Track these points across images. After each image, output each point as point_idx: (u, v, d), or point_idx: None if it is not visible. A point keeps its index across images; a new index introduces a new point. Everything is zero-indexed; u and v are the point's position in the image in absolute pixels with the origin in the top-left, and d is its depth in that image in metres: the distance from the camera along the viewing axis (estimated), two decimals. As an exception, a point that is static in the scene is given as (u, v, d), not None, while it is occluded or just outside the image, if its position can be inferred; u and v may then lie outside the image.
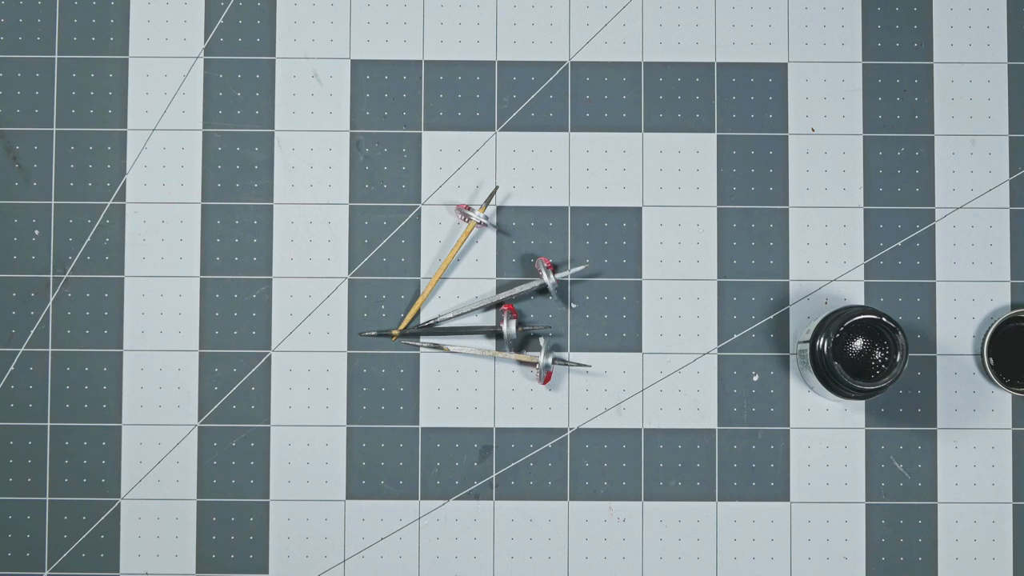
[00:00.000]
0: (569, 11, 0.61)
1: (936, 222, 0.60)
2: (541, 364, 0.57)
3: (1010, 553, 0.59)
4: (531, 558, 0.59)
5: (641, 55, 0.61)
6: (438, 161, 0.60)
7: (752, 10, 0.61)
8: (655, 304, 0.60)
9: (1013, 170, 0.60)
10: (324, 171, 0.60)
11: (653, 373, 0.60)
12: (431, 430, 0.59)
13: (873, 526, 0.59)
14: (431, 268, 0.60)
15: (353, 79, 0.61)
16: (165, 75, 0.60)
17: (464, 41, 0.61)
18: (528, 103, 0.60)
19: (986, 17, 0.61)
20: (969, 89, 0.61)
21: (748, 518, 0.59)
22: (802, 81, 0.61)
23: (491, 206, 0.60)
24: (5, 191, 0.60)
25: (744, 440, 0.59)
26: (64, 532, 0.59)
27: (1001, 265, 0.60)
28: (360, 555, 0.59)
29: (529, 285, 0.59)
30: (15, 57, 0.60)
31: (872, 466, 0.59)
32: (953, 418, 0.60)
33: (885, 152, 0.60)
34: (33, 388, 0.59)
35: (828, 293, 0.60)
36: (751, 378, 0.60)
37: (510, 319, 0.58)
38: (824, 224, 0.60)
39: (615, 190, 0.60)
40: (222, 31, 0.61)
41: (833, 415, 0.60)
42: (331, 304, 0.60)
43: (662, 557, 0.59)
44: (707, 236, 0.60)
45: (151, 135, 0.60)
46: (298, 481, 0.59)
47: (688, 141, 0.60)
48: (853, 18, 0.61)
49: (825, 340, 0.54)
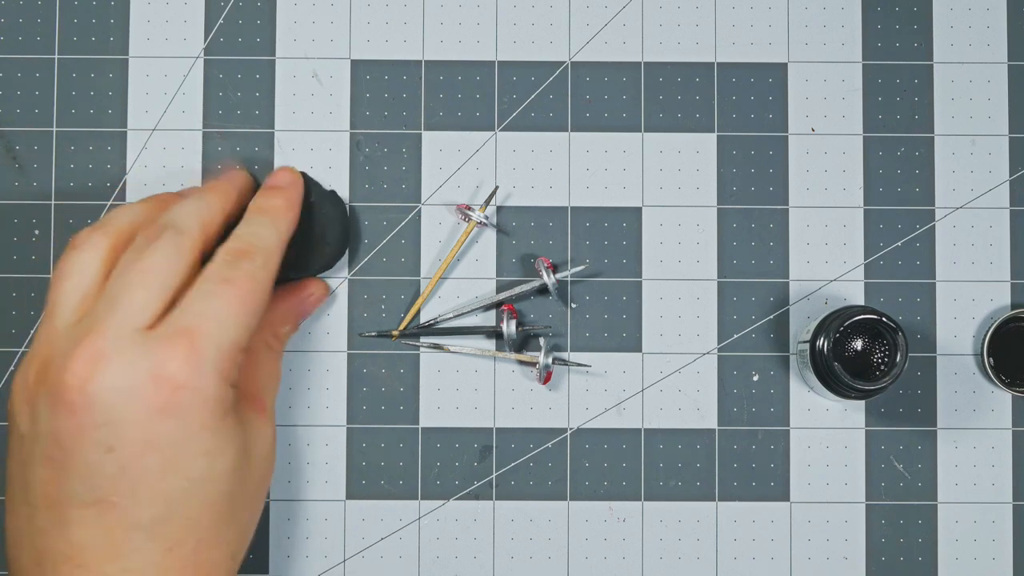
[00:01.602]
0: (569, 11, 0.61)
1: (936, 222, 0.60)
2: (541, 364, 0.57)
3: (1010, 553, 0.59)
4: (531, 558, 0.59)
5: (641, 55, 0.61)
6: (438, 161, 0.60)
7: (752, 10, 0.61)
8: (655, 304, 0.60)
9: (1013, 170, 0.60)
10: (324, 171, 0.60)
11: (653, 373, 0.60)
12: (431, 430, 0.59)
13: (873, 526, 0.59)
14: (431, 268, 0.60)
15: (353, 79, 0.61)
16: (165, 75, 0.60)
17: (464, 41, 0.61)
18: (528, 103, 0.60)
19: (986, 17, 0.61)
20: (969, 89, 0.61)
21: (748, 518, 0.59)
22: (802, 81, 0.61)
23: (491, 206, 0.60)
24: (5, 191, 0.60)
25: (744, 440, 0.60)
26: (64, 532, 0.59)
27: (1001, 265, 0.60)
28: (360, 555, 0.59)
29: (529, 285, 0.59)
30: (15, 57, 0.60)
31: (872, 466, 0.59)
32: (953, 418, 0.60)
33: (885, 152, 0.60)
34: (33, 388, 0.59)
35: (828, 293, 0.60)
36: (751, 378, 0.60)
37: (510, 319, 0.58)
38: (824, 224, 0.60)
39: (615, 190, 0.60)
40: (222, 31, 0.61)
41: (833, 415, 0.60)
42: (331, 304, 0.60)
43: (662, 557, 0.59)
44: (707, 236, 0.60)
45: (151, 135, 0.60)
46: (298, 481, 0.59)
47: (688, 141, 0.60)
48: (853, 18, 0.61)
49: (825, 340, 0.54)
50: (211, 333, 0.44)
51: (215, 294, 0.46)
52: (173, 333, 0.44)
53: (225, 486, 0.45)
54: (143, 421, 0.42)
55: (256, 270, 0.47)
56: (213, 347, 0.44)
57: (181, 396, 0.43)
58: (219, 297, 0.45)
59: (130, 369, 0.43)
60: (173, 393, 0.43)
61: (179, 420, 0.43)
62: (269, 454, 0.50)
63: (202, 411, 0.43)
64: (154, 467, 0.43)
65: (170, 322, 0.44)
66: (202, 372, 0.43)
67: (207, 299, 0.45)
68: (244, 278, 0.46)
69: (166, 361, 0.43)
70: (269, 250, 0.49)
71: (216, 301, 0.45)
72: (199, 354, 0.43)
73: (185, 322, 0.44)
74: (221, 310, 0.45)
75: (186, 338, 0.43)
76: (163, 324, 0.44)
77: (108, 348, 0.43)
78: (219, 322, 0.45)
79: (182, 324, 0.44)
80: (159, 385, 0.43)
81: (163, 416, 0.43)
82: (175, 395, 0.43)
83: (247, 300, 0.46)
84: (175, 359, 0.43)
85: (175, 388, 0.43)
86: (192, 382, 0.43)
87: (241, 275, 0.46)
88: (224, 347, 0.44)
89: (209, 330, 0.44)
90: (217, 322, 0.45)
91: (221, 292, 0.46)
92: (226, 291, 0.46)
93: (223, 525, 0.46)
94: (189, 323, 0.44)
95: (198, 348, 0.43)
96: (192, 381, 0.43)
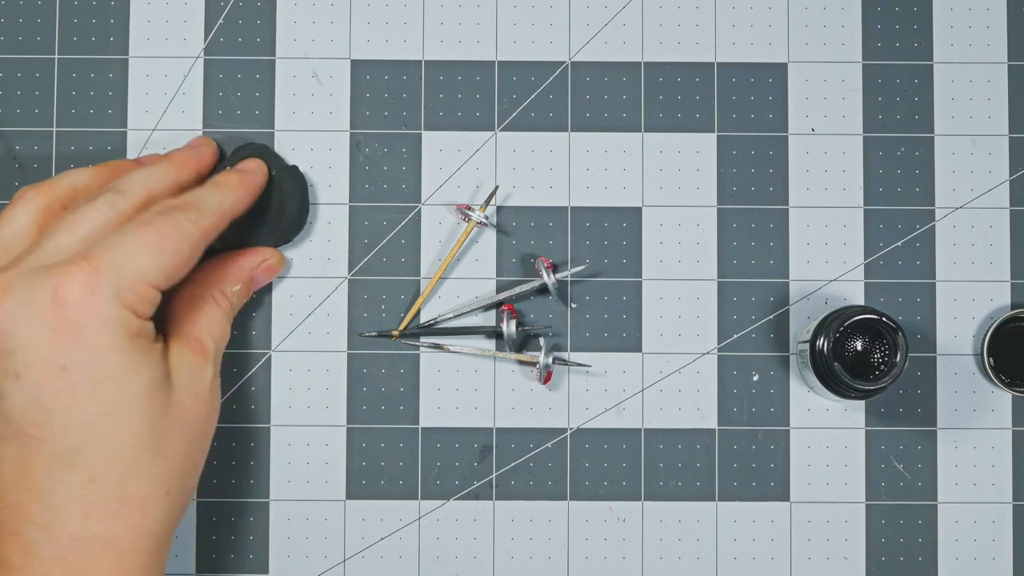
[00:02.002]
0: (569, 11, 0.61)
1: (936, 222, 0.60)
2: (541, 364, 0.57)
3: (1010, 553, 0.59)
4: (531, 558, 0.59)
5: (641, 55, 0.61)
6: (438, 161, 0.60)
7: (752, 10, 0.61)
8: (655, 304, 0.60)
9: (1013, 170, 0.60)
10: (324, 171, 0.60)
11: (653, 373, 0.60)
12: (431, 430, 0.59)
13: (873, 526, 0.59)
14: (431, 268, 0.60)
15: (353, 79, 0.61)
16: (165, 75, 0.60)
17: (464, 41, 0.61)
18: (528, 103, 0.60)
19: (986, 17, 0.61)
20: (969, 89, 0.61)
21: (748, 518, 0.59)
22: (802, 81, 0.61)
23: (491, 206, 0.60)
24: (5, 191, 0.60)
25: (744, 440, 0.60)
26: (64, 532, 0.59)
27: (1001, 265, 0.60)
28: (360, 555, 0.59)
29: (529, 285, 0.59)
30: (15, 57, 0.60)
31: (872, 466, 0.59)
32: (953, 418, 0.60)
33: (885, 152, 0.60)
34: (33, 388, 0.59)
35: (828, 293, 0.60)
36: (751, 378, 0.60)
37: (510, 319, 0.58)
38: (824, 224, 0.60)
39: (615, 190, 0.60)
40: (222, 31, 0.61)
41: (833, 415, 0.60)
42: (331, 304, 0.60)
43: (662, 557, 0.59)
44: (707, 236, 0.60)
45: (151, 135, 0.60)
46: (298, 481, 0.59)
47: (688, 141, 0.60)
48: (853, 18, 0.61)
49: (825, 340, 0.54)
50: (114, 261, 0.45)
51: (130, 232, 0.46)
52: (76, 258, 0.45)
53: (142, 413, 0.45)
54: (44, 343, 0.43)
55: (184, 222, 0.48)
56: (114, 273, 0.45)
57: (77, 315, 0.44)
58: (133, 234, 0.46)
59: (30, 293, 0.44)
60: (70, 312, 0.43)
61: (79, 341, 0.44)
62: (207, 394, 0.50)
63: (102, 332, 0.44)
64: (63, 392, 0.44)
65: (79, 253, 0.45)
66: (99, 295, 0.44)
67: (120, 235, 0.46)
68: (167, 224, 0.47)
69: (64, 283, 0.44)
70: (205, 209, 0.50)
71: (128, 237, 0.46)
72: (98, 277, 0.44)
73: (92, 252, 0.45)
74: (131, 243, 0.46)
75: (88, 262, 0.45)
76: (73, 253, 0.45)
77: (13, 279, 0.44)
78: (127, 254, 0.46)
79: (89, 253, 0.45)
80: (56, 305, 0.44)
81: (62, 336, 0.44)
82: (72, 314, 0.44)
83: (164, 242, 0.47)
84: (74, 283, 0.44)
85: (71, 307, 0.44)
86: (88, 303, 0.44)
87: (164, 221, 0.47)
88: (127, 276, 0.45)
89: (113, 258, 0.45)
90: (125, 253, 0.46)
91: (136, 230, 0.47)
92: (142, 230, 0.47)
93: (148, 456, 0.46)
94: (95, 253, 0.45)
95: (98, 272, 0.45)
96: (87, 301, 0.44)
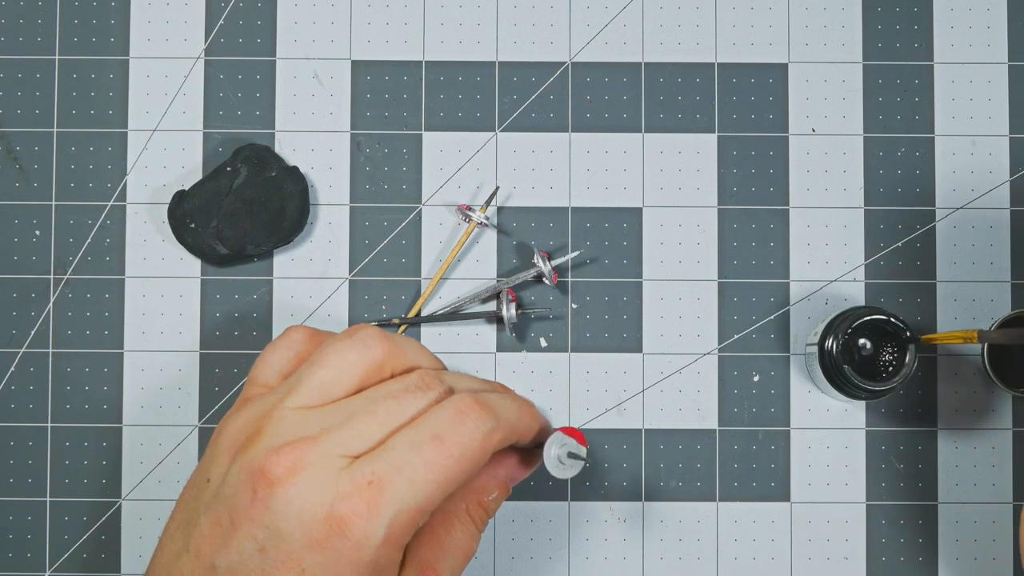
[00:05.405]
0: (569, 12, 0.61)
1: (936, 222, 0.60)
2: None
3: (1010, 553, 0.59)
4: (531, 558, 0.59)
5: (641, 55, 0.61)
6: (438, 161, 0.60)
7: (752, 11, 0.61)
8: (655, 304, 0.60)
9: (1013, 170, 0.60)
10: (324, 172, 0.60)
11: (654, 373, 0.60)
12: (432, 430, 0.59)
13: (873, 526, 0.59)
14: (432, 269, 0.60)
15: (353, 80, 0.61)
16: (166, 76, 0.60)
17: (464, 42, 0.61)
18: (528, 103, 0.60)
19: (986, 17, 0.61)
20: (969, 89, 0.61)
21: (748, 518, 0.59)
22: (802, 81, 0.61)
23: (492, 206, 0.60)
24: (5, 192, 0.60)
25: (744, 440, 0.60)
26: (65, 533, 0.59)
27: (1001, 265, 0.60)
28: (361, 555, 0.59)
29: (526, 273, 0.59)
30: (15, 58, 0.60)
31: (872, 466, 0.59)
32: (953, 418, 0.60)
33: (885, 152, 0.60)
34: (33, 389, 0.59)
35: (829, 293, 0.60)
36: (752, 378, 0.60)
37: (510, 303, 0.58)
38: (824, 224, 0.60)
39: (615, 190, 0.60)
40: (222, 32, 0.61)
41: (833, 415, 0.60)
42: (331, 304, 0.60)
43: (662, 557, 0.59)
44: (707, 236, 0.60)
45: (152, 136, 0.60)
46: (299, 481, 0.59)
47: (688, 141, 0.60)
48: (853, 18, 0.61)
49: (834, 342, 0.54)
50: (397, 493, 0.42)
51: (420, 448, 0.42)
52: (363, 480, 0.41)
53: None
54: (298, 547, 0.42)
55: (478, 435, 0.43)
56: (393, 509, 0.42)
57: (339, 543, 0.42)
58: (422, 454, 0.42)
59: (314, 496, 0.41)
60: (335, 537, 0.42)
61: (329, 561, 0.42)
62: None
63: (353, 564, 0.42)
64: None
65: (368, 462, 0.42)
66: (369, 532, 0.41)
67: (410, 451, 0.42)
68: (459, 441, 0.43)
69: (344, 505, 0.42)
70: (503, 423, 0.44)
71: (417, 458, 0.42)
72: (377, 512, 0.41)
73: (380, 470, 0.42)
74: (418, 470, 0.42)
75: (373, 490, 0.41)
76: (362, 462, 0.42)
77: (311, 462, 0.42)
78: (411, 483, 0.42)
79: (376, 471, 0.42)
80: (328, 523, 0.42)
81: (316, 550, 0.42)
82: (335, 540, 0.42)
83: (450, 467, 0.42)
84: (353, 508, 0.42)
85: (339, 534, 0.42)
86: (356, 535, 0.42)
87: (458, 437, 0.43)
88: (405, 512, 0.42)
89: (397, 488, 0.42)
90: (409, 482, 0.42)
91: (427, 449, 0.42)
92: (432, 450, 0.42)
93: None
94: (382, 473, 0.42)
95: (379, 505, 0.41)
96: (357, 535, 0.42)
